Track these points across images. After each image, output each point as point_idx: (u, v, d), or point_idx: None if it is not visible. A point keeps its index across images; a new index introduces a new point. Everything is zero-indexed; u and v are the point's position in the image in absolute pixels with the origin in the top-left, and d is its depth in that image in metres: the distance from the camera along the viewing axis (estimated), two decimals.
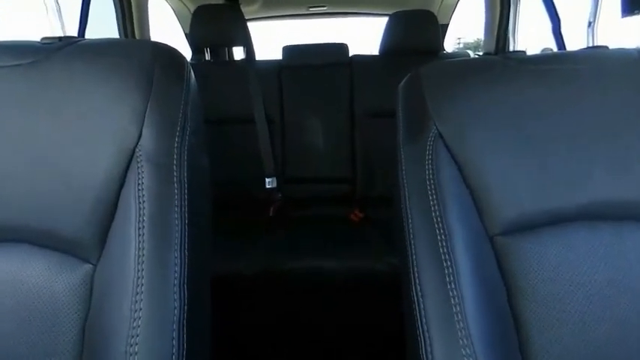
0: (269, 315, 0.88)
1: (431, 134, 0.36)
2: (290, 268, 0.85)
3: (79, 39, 0.37)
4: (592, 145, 0.34)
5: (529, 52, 0.42)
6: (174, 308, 0.28)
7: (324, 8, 1.59)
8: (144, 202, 0.30)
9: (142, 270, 0.29)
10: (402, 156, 0.38)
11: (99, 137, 0.31)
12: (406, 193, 0.36)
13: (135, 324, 0.27)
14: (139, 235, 0.29)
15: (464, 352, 0.29)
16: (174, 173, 0.32)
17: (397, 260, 0.37)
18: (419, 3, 1.40)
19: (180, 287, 0.29)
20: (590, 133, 0.34)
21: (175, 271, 0.29)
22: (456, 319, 0.30)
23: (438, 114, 0.36)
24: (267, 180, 1.09)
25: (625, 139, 0.34)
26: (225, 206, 1.00)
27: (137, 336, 0.27)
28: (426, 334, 0.30)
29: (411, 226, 0.35)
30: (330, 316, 0.88)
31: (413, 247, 0.34)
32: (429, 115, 0.37)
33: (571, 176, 0.34)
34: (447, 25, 1.48)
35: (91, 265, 0.31)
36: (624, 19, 0.50)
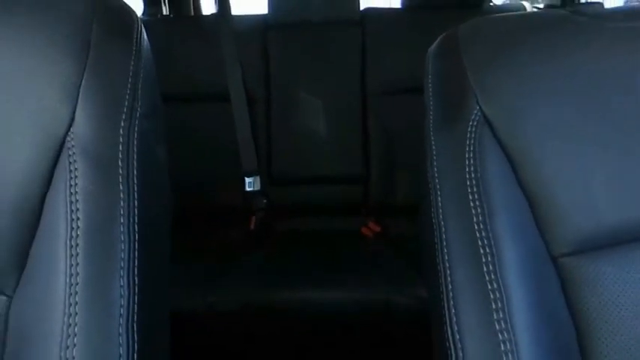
0: None
1: (473, 117, 0.36)
2: (279, 301, 0.86)
3: None
4: None
5: (607, 5, 0.42)
6: (119, 357, 0.28)
7: None
8: (77, 209, 0.30)
9: (75, 305, 0.28)
10: (434, 148, 0.38)
11: (15, 121, 0.31)
12: (439, 198, 0.36)
13: None
14: (71, 255, 0.29)
15: None
16: (120, 171, 0.32)
17: (425, 291, 0.38)
18: None
19: (127, 328, 0.29)
20: None
21: (121, 306, 0.29)
22: None
23: (483, 89, 0.37)
24: (246, 180, 1.09)
25: None
26: (190, 216, 1.01)
27: None
28: None
29: (445, 243, 0.35)
30: None
31: (447, 272, 0.34)
32: (471, 90, 0.37)
33: None
34: None
35: (4, 297, 0.31)
36: None
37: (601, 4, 0.43)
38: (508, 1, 1.51)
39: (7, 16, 0.33)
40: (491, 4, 1.26)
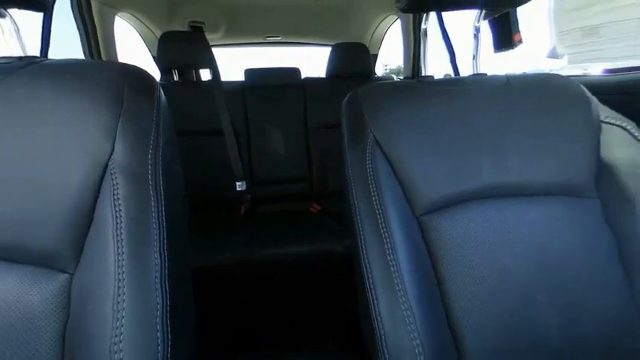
0: (248, 296, 0.85)
1: (369, 140, 0.37)
2: (262, 255, 0.83)
3: (42, 59, 0.31)
4: (481, 145, 0.38)
5: (435, 77, 0.46)
6: (157, 304, 0.26)
7: (279, 38, 1.57)
8: (120, 209, 0.27)
9: (123, 272, 0.25)
10: (348, 158, 0.39)
11: (70, 153, 0.27)
12: (353, 187, 0.37)
13: (118, 324, 0.24)
14: (118, 240, 0.26)
15: (403, 308, 0.31)
16: (150, 182, 0.29)
17: (349, 241, 0.38)
18: (354, 36, 1.46)
19: (161, 284, 0.26)
20: (479, 136, 0.38)
21: (156, 270, 0.26)
22: (395, 282, 0.31)
23: (374, 124, 0.38)
24: (237, 184, 1.04)
25: (503, 140, 0.39)
26: (203, 208, 0.94)
27: (121, 334, 0.24)
28: (374, 296, 0.31)
29: (358, 213, 0.35)
30: (298, 291, 0.88)
31: (361, 229, 0.35)
32: (367, 124, 0.38)
33: (468, 168, 0.37)
34: (377, 54, 1.55)
35: (67, 275, 0.27)
36: (497, 53, 0.58)
37: (432, 76, 0.46)
38: (385, 74, 1.59)
39: (64, 80, 0.29)
40: (376, 75, 1.32)
